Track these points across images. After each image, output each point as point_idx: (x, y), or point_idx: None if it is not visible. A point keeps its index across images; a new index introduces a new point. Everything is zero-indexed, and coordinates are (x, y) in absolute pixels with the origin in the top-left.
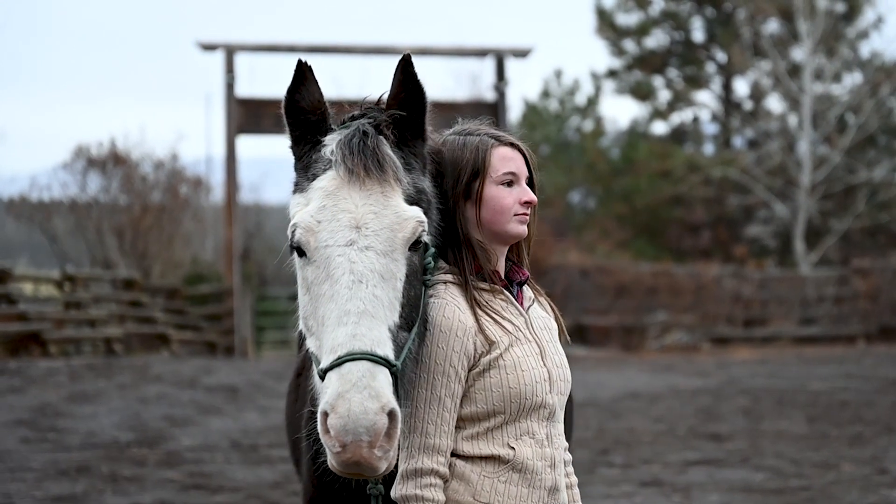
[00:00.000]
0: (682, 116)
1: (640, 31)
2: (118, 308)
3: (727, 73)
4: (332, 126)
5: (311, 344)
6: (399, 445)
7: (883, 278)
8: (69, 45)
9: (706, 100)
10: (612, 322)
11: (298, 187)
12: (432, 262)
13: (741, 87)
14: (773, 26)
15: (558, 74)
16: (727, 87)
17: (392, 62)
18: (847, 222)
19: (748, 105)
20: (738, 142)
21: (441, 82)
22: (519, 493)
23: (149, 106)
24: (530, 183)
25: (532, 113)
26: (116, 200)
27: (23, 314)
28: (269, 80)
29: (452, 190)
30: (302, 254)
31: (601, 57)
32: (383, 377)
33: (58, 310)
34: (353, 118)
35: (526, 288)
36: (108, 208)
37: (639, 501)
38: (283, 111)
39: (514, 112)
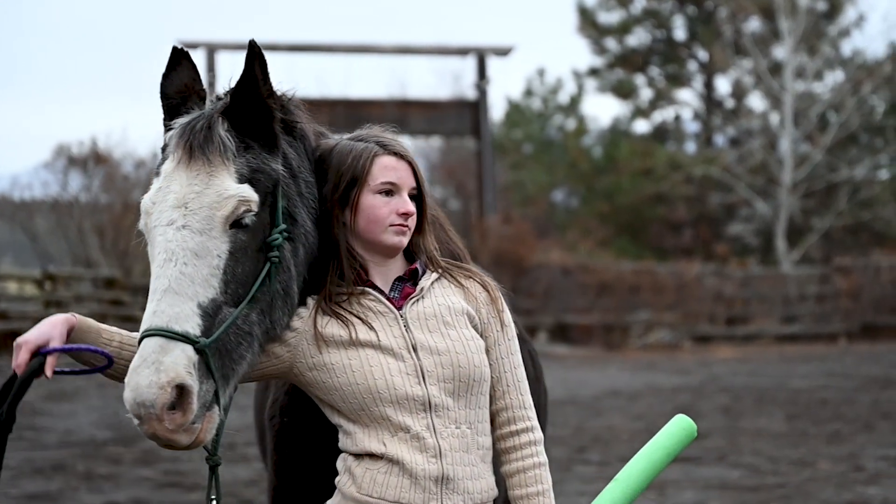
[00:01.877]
0: (664, 115)
1: (622, 30)
2: (99, 307)
3: (709, 71)
4: (188, 110)
5: None
6: (218, 419)
7: (864, 276)
8: (51, 44)
9: (688, 98)
10: (594, 321)
11: (156, 172)
12: (279, 239)
13: (723, 85)
14: (754, 24)
15: (541, 73)
16: (709, 86)
17: (375, 61)
18: (829, 220)
19: (730, 103)
20: (719, 140)
21: (423, 81)
22: (401, 484)
23: (131, 105)
24: (420, 195)
25: (515, 111)
26: (97, 199)
27: (3, 313)
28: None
29: (331, 195)
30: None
31: (583, 55)
32: (178, 352)
33: (38, 309)
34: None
35: (426, 278)
36: (90, 207)
37: None
38: (159, 99)
39: (497, 111)
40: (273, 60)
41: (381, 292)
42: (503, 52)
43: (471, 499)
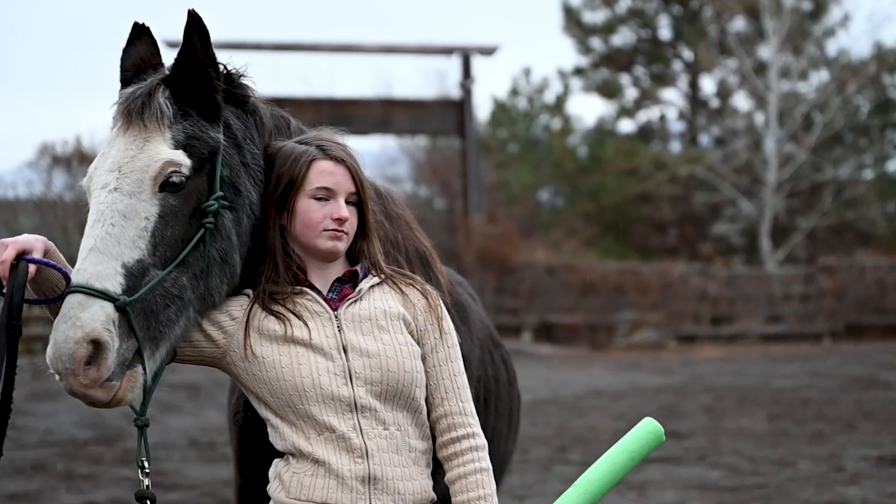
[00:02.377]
0: (649, 114)
1: (607, 29)
2: None
3: (694, 70)
4: (140, 82)
5: None
6: (144, 379)
7: (849, 276)
8: (35, 43)
9: (673, 98)
10: (579, 320)
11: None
12: (215, 206)
13: (708, 84)
14: (739, 24)
15: (527, 72)
16: (694, 85)
17: (360, 60)
18: (813, 220)
19: (715, 103)
20: (704, 140)
21: (408, 80)
22: (327, 485)
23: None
24: (360, 201)
25: (501, 111)
26: (82, 198)
27: None
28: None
29: (269, 197)
30: None
31: (568, 55)
32: (97, 309)
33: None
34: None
35: (366, 281)
36: (74, 206)
37: None
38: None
39: (483, 110)
40: (258, 59)
41: (319, 293)
42: (488, 51)
43: (402, 499)
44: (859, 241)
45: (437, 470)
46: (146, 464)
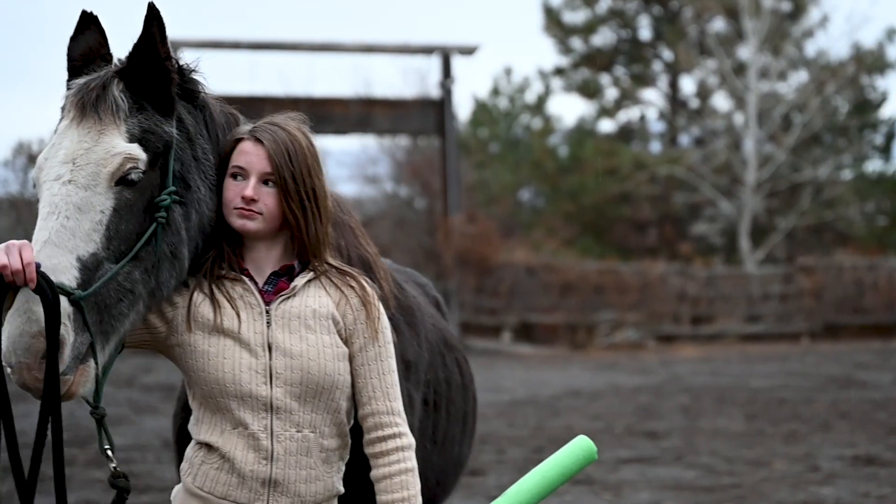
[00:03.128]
0: (629, 114)
1: (587, 29)
2: None
3: (674, 71)
4: (90, 73)
5: None
6: (95, 372)
7: (827, 276)
8: (10, 41)
9: (653, 98)
10: (559, 320)
11: (55, 130)
12: (167, 200)
13: (687, 85)
14: (718, 25)
15: (508, 72)
16: (673, 86)
17: (338, 59)
18: (792, 220)
19: (694, 103)
20: (684, 140)
21: (388, 80)
22: (229, 481)
23: None
24: (279, 183)
25: (482, 111)
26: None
27: None
28: (212, 76)
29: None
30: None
31: (548, 55)
32: (38, 304)
33: None
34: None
35: (301, 277)
36: None
37: (569, 500)
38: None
39: (464, 110)
40: (236, 58)
41: (255, 284)
42: (468, 51)
43: (301, 501)
44: (838, 242)
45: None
46: (111, 452)
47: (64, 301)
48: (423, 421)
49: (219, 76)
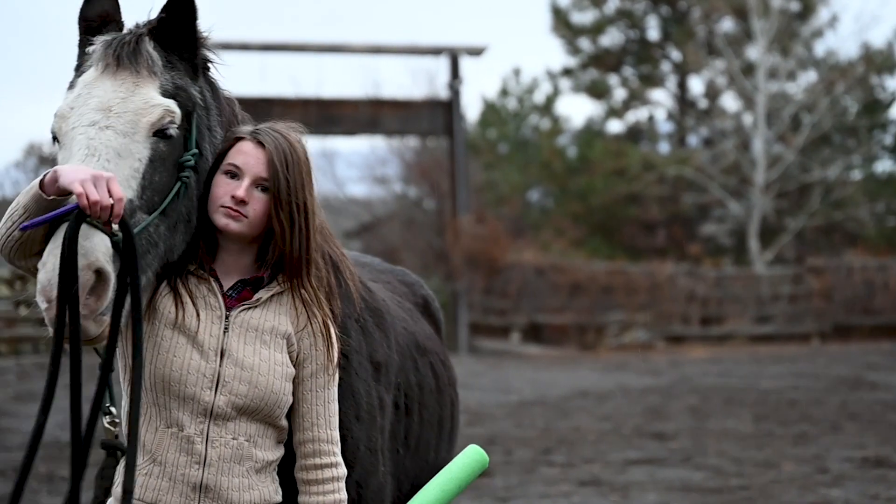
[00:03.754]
0: (638, 115)
1: (596, 30)
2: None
3: (682, 71)
4: (108, 33)
5: None
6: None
7: (837, 277)
8: (22, 42)
9: (661, 98)
10: (567, 321)
11: (70, 85)
12: (192, 161)
13: (696, 85)
14: (727, 25)
15: (517, 73)
16: (682, 86)
17: (347, 60)
18: (801, 221)
19: (703, 103)
20: (692, 140)
21: (397, 80)
22: (159, 486)
23: None
24: (272, 191)
25: (490, 111)
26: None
27: None
28: (221, 78)
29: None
30: (56, 141)
31: (557, 55)
32: (98, 240)
33: (8, 308)
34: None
35: (267, 290)
36: None
37: (576, 501)
38: (77, 21)
39: (473, 110)
40: (245, 60)
41: (220, 286)
42: (476, 51)
43: None
44: (847, 242)
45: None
46: (114, 410)
47: (107, 240)
48: (394, 425)
49: (229, 77)
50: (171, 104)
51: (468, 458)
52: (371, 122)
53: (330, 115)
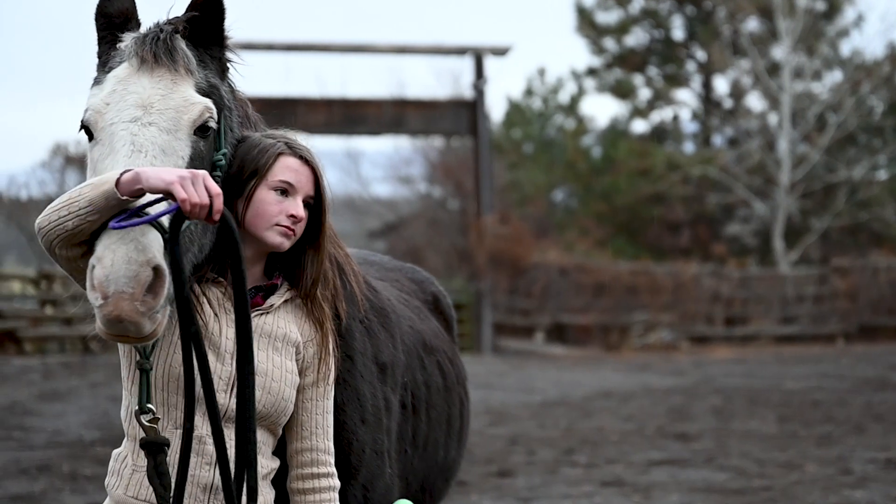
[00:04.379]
0: (662, 115)
1: (620, 30)
2: None
3: (707, 71)
4: (131, 30)
5: None
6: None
7: (862, 277)
8: (48, 42)
9: (686, 98)
10: (591, 321)
11: (96, 81)
12: (223, 161)
13: (721, 85)
14: (752, 24)
15: (541, 73)
16: (707, 86)
17: (371, 60)
18: (827, 221)
19: (728, 103)
20: (717, 140)
21: (422, 80)
22: (171, 487)
23: None
24: (317, 207)
25: (515, 111)
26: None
27: None
28: (246, 78)
29: (233, 183)
30: (91, 137)
31: (582, 55)
32: (153, 236)
33: (34, 308)
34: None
35: (278, 296)
36: None
37: (599, 501)
38: (94, 18)
39: (498, 110)
40: (270, 60)
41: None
42: (501, 51)
43: None
44: (873, 242)
45: None
46: (152, 409)
47: (160, 238)
48: (401, 424)
49: (253, 77)
50: (209, 102)
51: None
52: (396, 121)
53: (354, 115)
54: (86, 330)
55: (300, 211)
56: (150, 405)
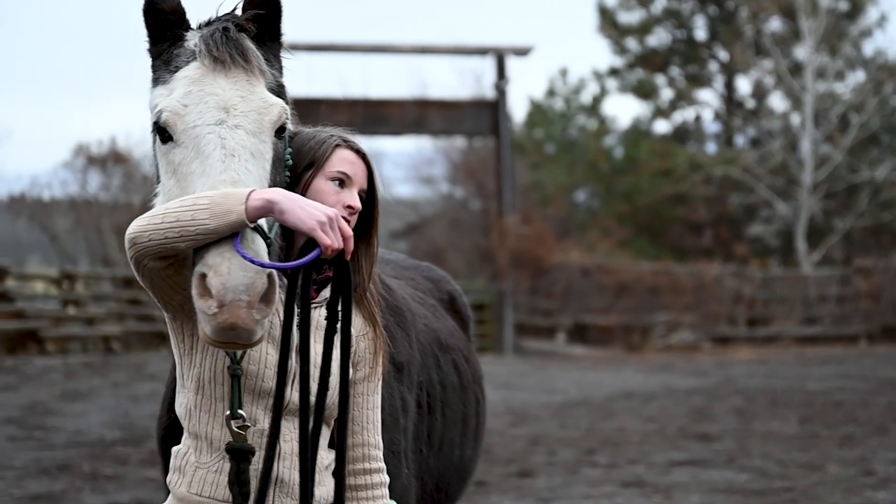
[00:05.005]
0: (685, 115)
1: (642, 30)
2: (118, 306)
3: (729, 71)
4: (192, 27)
5: None
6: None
7: (885, 278)
8: (71, 44)
9: (708, 98)
10: (613, 321)
11: (160, 80)
12: (290, 160)
13: (743, 85)
14: (775, 24)
15: (563, 73)
16: (729, 86)
17: (393, 60)
18: (849, 222)
19: (750, 104)
20: (740, 140)
21: (444, 81)
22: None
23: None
24: (370, 201)
25: (537, 112)
26: (116, 199)
27: (20, 312)
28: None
29: (290, 175)
30: (167, 139)
31: (604, 55)
32: (261, 242)
33: (57, 308)
34: (210, 22)
35: (329, 290)
36: (109, 206)
37: (619, 502)
38: (142, 13)
39: (520, 111)
40: (293, 60)
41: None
42: (523, 52)
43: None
44: (895, 243)
45: None
46: (243, 415)
47: (265, 245)
48: (416, 424)
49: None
50: (283, 103)
51: None
52: (417, 122)
53: (376, 116)
54: (108, 331)
55: (357, 202)
56: (241, 411)
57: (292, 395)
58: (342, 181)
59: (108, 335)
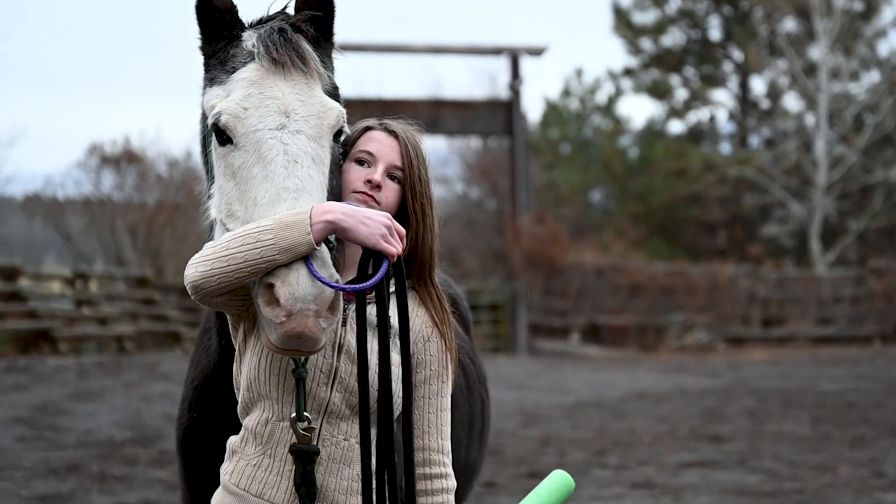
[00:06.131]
0: (699, 115)
1: (657, 30)
2: (131, 306)
3: (744, 71)
4: (246, 26)
5: (234, 227)
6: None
7: None
8: (85, 44)
9: (723, 98)
10: (627, 322)
11: (216, 80)
12: (341, 161)
13: (758, 85)
14: (789, 25)
15: (579, 73)
16: (744, 86)
17: (407, 60)
18: (864, 222)
19: (765, 104)
20: (754, 141)
21: (458, 81)
22: (265, 480)
23: (164, 104)
24: (407, 181)
25: (552, 112)
26: (130, 198)
27: (32, 312)
28: None
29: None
30: (226, 142)
31: (618, 55)
32: (328, 256)
33: (70, 308)
34: (263, 21)
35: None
36: (122, 206)
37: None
38: (195, 11)
39: (534, 111)
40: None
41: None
42: (537, 52)
43: None
44: None
45: None
46: (309, 417)
47: (330, 256)
48: None
49: None
50: (340, 106)
51: (554, 482)
52: (432, 122)
53: (390, 115)
54: (120, 330)
55: (376, 176)
56: (307, 413)
57: (332, 395)
58: (367, 161)
59: (122, 335)
